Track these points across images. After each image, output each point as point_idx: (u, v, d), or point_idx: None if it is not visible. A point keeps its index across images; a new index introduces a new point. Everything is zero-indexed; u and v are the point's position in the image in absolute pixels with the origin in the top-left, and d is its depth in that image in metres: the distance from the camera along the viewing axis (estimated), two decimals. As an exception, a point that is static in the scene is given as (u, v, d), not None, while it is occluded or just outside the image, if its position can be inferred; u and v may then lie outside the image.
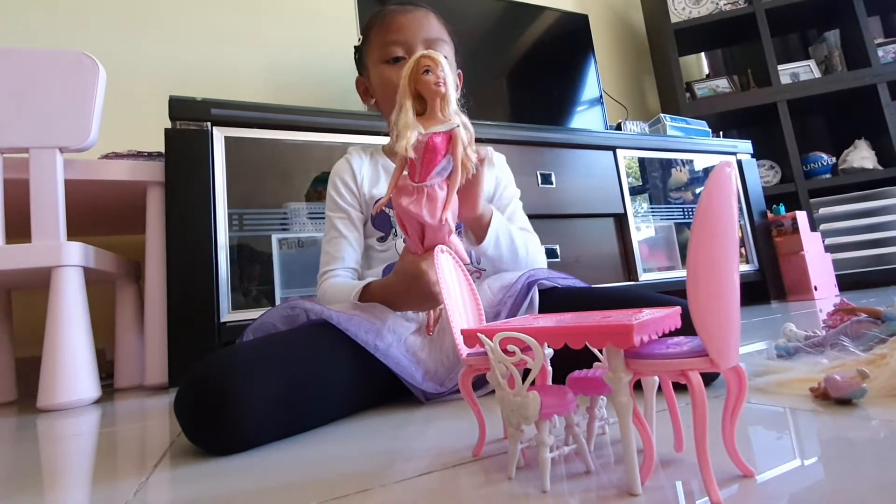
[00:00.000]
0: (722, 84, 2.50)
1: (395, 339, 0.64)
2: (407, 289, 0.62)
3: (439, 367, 0.65)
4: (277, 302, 1.19)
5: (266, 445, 0.50)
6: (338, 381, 0.58)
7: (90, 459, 0.55)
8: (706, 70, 2.80)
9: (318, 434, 0.53)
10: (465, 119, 0.53)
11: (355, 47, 0.86)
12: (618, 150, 1.76)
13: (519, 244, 0.75)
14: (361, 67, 0.85)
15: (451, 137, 0.52)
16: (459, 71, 0.86)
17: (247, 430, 0.48)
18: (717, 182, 0.26)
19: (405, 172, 0.53)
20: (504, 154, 0.95)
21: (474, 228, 0.71)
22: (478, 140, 0.56)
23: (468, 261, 0.58)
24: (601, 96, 2.12)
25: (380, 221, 0.80)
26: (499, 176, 0.87)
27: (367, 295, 0.68)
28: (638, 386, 0.33)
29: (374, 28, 0.79)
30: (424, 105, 0.52)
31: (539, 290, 0.69)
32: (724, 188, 0.26)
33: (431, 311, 0.67)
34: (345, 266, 0.78)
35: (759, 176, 2.15)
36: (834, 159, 2.36)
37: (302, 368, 0.55)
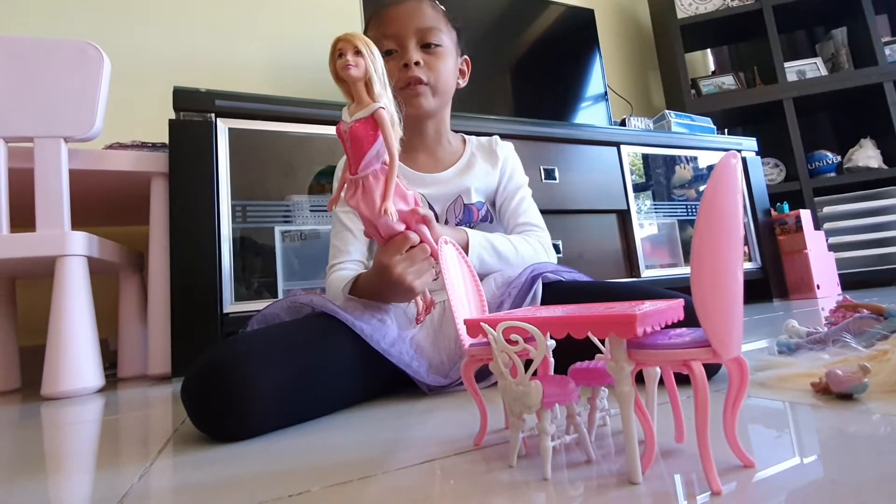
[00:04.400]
0: (727, 81, 2.49)
1: (399, 334, 0.64)
2: (380, 281, 0.62)
3: (444, 359, 0.65)
4: (280, 294, 1.19)
5: (270, 433, 0.50)
6: (342, 371, 0.58)
7: (94, 446, 0.55)
8: (712, 67, 2.79)
9: (322, 422, 0.54)
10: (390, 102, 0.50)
11: None
12: (622, 146, 1.75)
13: (506, 251, 0.75)
14: None
15: (374, 121, 0.49)
16: (466, 58, 0.85)
17: (254, 418, 0.49)
18: (723, 172, 0.26)
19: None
20: (508, 148, 0.95)
21: None
22: (481, 134, 0.55)
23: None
24: (606, 92, 2.11)
25: None
26: (504, 166, 0.87)
27: (356, 288, 0.68)
28: (640, 378, 0.33)
29: (371, 24, 0.80)
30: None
31: (543, 283, 0.69)
32: (730, 179, 0.26)
33: (419, 300, 0.63)
34: (351, 259, 0.78)
35: (764, 174, 2.14)
36: (839, 158, 2.35)
37: (308, 358, 0.55)
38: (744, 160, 2.01)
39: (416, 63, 0.75)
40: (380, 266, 0.59)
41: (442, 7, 0.81)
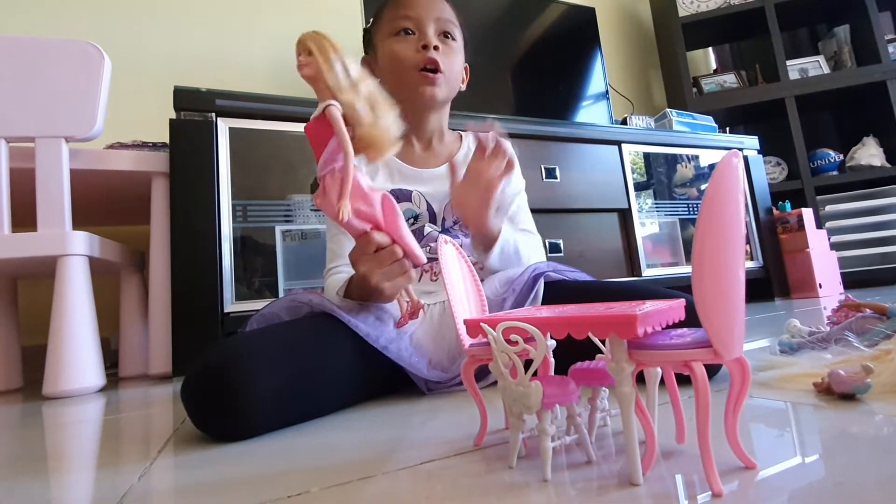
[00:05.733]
0: (729, 79, 2.48)
1: (398, 332, 0.64)
2: (356, 280, 0.62)
3: (443, 358, 0.65)
4: (281, 293, 1.19)
5: (270, 433, 0.50)
6: (342, 370, 0.58)
7: (95, 445, 0.55)
8: (713, 65, 2.78)
9: (322, 422, 0.54)
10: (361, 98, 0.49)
11: (365, 29, 0.85)
12: (623, 145, 1.75)
13: (523, 254, 0.75)
14: (368, 47, 0.84)
15: (327, 119, 0.47)
16: (467, 65, 0.85)
17: (254, 418, 0.49)
18: (725, 171, 0.26)
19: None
20: (508, 147, 0.94)
21: (480, 237, 0.71)
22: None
23: (422, 261, 0.58)
24: (607, 90, 2.10)
25: None
26: None
27: (348, 289, 0.68)
28: (640, 379, 0.33)
29: (387, 6, 0.79)
30: None
31: (544, 283, 0.69)
32: (731, 178, 0.26)
33: (402, 302, 0.62)
34: (347, 262, 0.78)
35: (766, 172, 2.13)
36: (841, 156, 2.34)
37: (307, 358, 0.55)
38: (745, 159, 2.00)
39: (436, 48, 0.75)
40: (354, 267, 0.60)
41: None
